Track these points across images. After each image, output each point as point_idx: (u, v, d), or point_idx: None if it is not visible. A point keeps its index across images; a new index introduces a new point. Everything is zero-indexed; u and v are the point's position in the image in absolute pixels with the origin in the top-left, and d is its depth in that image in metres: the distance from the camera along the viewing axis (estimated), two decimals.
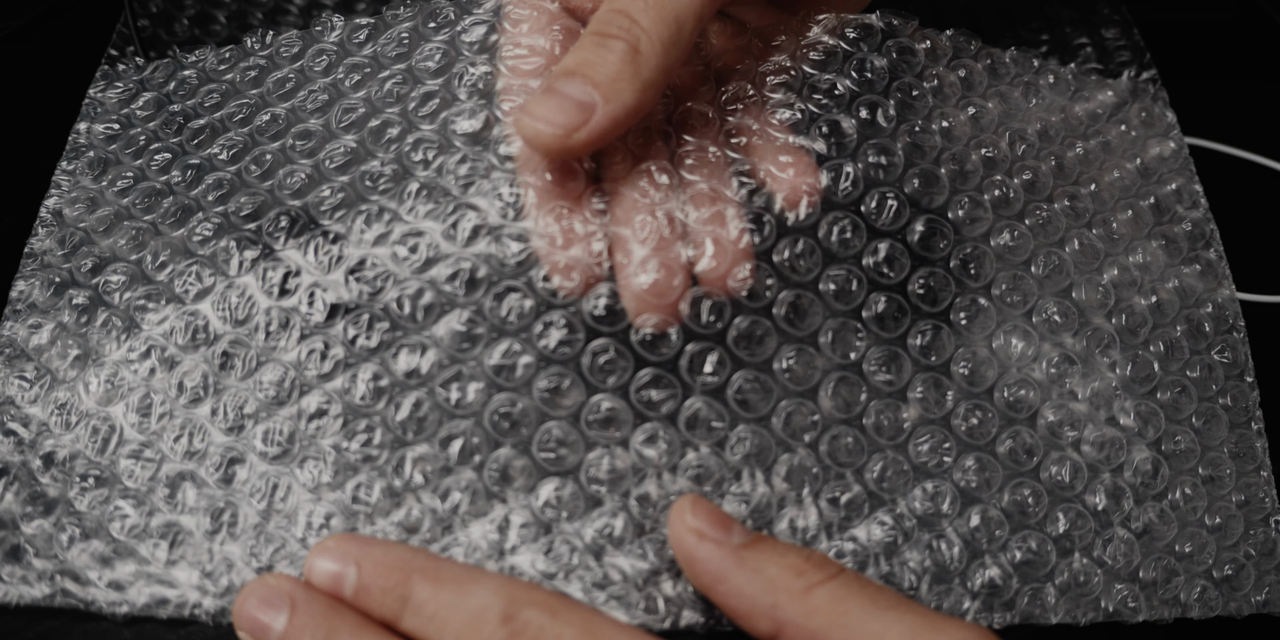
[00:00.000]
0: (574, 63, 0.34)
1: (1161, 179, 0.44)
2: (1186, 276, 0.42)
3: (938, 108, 0.40)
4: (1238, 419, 0.41)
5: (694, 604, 0.35)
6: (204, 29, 0.49)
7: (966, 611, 0.36)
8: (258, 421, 0.37)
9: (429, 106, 0.39)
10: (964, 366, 0.38)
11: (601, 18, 0.35)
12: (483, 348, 0.36)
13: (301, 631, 0.31)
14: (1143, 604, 0.37)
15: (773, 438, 0.36)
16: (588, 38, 0.35)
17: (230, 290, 0.38)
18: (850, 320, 0.37)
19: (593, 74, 0.34)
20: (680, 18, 0.35)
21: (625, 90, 0.34)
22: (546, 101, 0.34)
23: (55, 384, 0.37)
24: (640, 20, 0.34)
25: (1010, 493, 0.37)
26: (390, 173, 0.38)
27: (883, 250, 0.38)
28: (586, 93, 0.34)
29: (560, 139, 0.34)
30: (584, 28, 0.37)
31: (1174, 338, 0.41)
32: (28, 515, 0.36)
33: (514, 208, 0.37)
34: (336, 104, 0.40)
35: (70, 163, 0.41)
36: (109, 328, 0.38)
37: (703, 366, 0.36)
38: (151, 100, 0.42)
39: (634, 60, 0.34)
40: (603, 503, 0.36)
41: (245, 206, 0.39)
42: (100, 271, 0.39)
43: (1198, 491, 0.39)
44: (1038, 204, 0.40)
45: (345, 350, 0.37)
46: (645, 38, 0.34)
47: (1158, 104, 0.46)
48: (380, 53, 0.40)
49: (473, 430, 0.36)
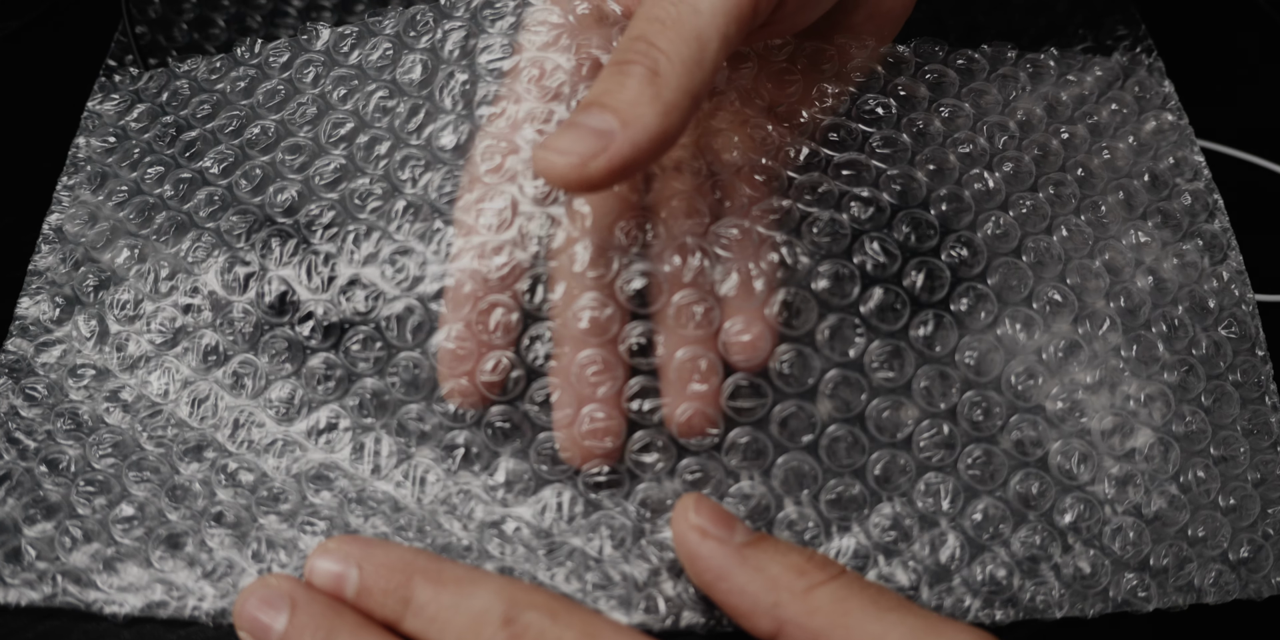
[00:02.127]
0: (593, 94, 0.32)
1: (1158, 154, 0.43)
2: (1188, 252, 0.41)
3: (905, 115, 0.40)
4: (1250, 395, 0.39)
5: (694, 604, 0.35)
6: (203, 33, 0.49)
7: (968, 609, 0.36)
8: (264, 432, 0.37)
9: (414, 121, 0.39)
10: (968, 356, 0.37)
11: (620, 47, 0.33)
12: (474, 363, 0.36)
13: (302, 632, 0.31)
14: (1154, 592, 0.36)
15: (770, 440, 0.36)
16: (607, 68, 0.33)
17: (229, 308, 0.38)
18: (847, 316, 0.37)
19: (610, 101, 0.32)
20: (702, 36, 0.32)
21: (646, 114, 0.31)
22: (565, 134, 0.31)
23: (62, 397, 0.38)
24: (658, 42, 0.32)
25: (1015, 485, 0.36)
26: (380, 191, 0.38)
27: (875, 247, 0.38)
28: (604, 120, 0.31)
29: (577, 169, 0.31)
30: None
31: (1176, 316, 0.39)
32: (30, 518, 0.36)
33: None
34: (326, 117, 0.40)
35: (70, 177, 0.41)
36: (113, 344, 0.38)
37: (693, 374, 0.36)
38: (146, 111, 0.42)
39: (653, 82, 0.32)
40: (602, 506, 0.36)
41: (238, 226, 0.39)
42: (103, 288, 0.39)
43: (1210, 472, 0.38)
44: (1021, 195, 0.40)
45: (346, 366, 0.37)
46: (664, 58, 0.32)
47: (1153, 76, 0.45)
48: (365, 63, 0.40)
49: (472, 438, 0.37)
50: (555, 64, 0.37)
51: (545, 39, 0.37)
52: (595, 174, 0.31)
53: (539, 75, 0.37)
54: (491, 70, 0.39)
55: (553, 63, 0.37)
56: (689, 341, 0.36)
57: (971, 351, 0.37)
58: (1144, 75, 0.45)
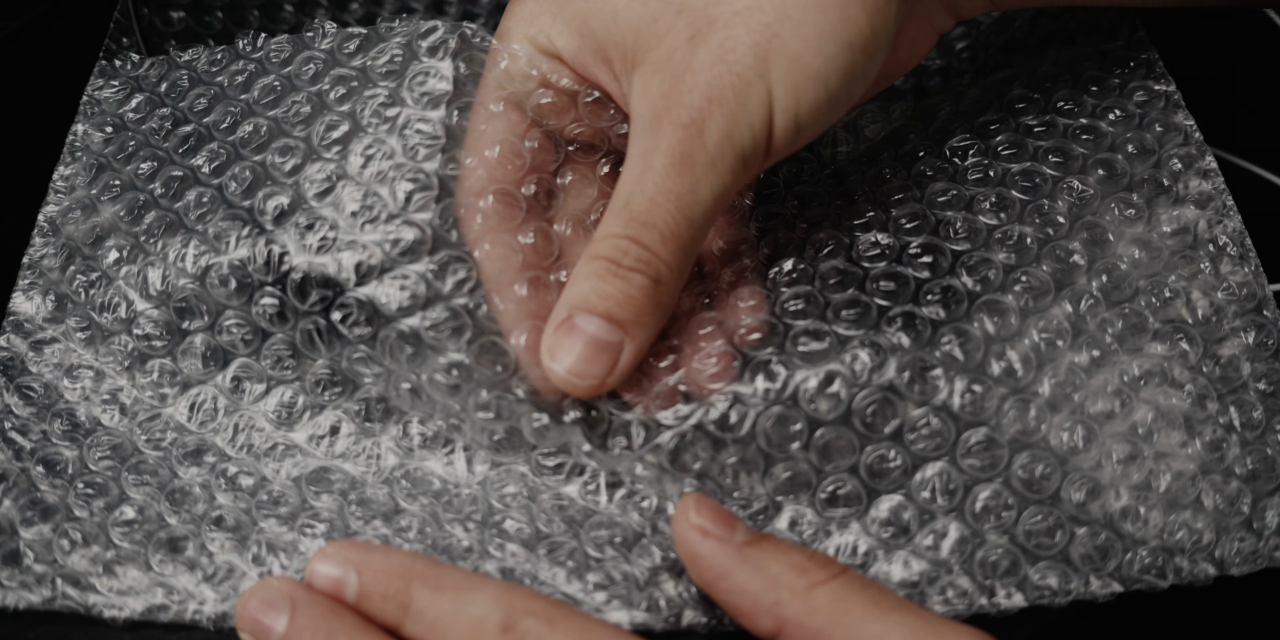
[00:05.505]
0: (594, 296, 0.34)
1: (1144, 123, 0.41)
2: (1180, 217, 0.39)
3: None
4: (1261, 354, 0.38)
5: (696, 604, 0.35)
6: (198, 20, 0.49)
7: (974, 600, 0.35)
8: (264, 437, 0.37)
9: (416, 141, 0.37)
10: (952, 344, 0.36)
11: (615, 246, 0.34)
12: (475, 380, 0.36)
13: (301, 633, 0.31)
14: (1169, 568, 0.35)
15: (768, 443, 0.36)
16: (599, 264, 0.34)
17: (222, 312, 0.37)
18: (825, 318, 0.37)
19: (617, 313, 0.34)
20: (696, 242, 0.35)
21: (650, 324, 0.35)
22: (571, 346, 0.34)
23: (57, 397, 0.38)
24: (660, 253, 0.34)
25: (1019, 470, 0.36)
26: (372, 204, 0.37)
27: (860, 243, 0.38)
28: (611, 332, 0.34)
29: (596, 390, 0.34)
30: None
31: (1167, 283, 0.38)
32: (27, 520, 0.36)
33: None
34: (320, 118, 0.38)
35: (67, 167, 0.41)
36: (109, 343, 0.38)
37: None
38: (145, 101, 0.42)
39: (655, 292, 0.34)
40: (603, 506, 0.36)
41: (226, 232, 0.37)
42: (94, 287, 0.38)
43: (1224, 439, 0.36)
44: (984, 193, 0.40)
45: (348, 372, 0.37)
46: (665, 268, 0.34)
47: (1134, 47, 0.44)
48: (370, 66, 0.39)
49: (472, 440, 0.36)
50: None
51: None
52: (609, 387, 0.35)
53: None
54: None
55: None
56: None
57: (954, 339, 0.37)
58: (1124, 50, 0.43)
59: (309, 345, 0.37)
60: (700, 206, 0.34)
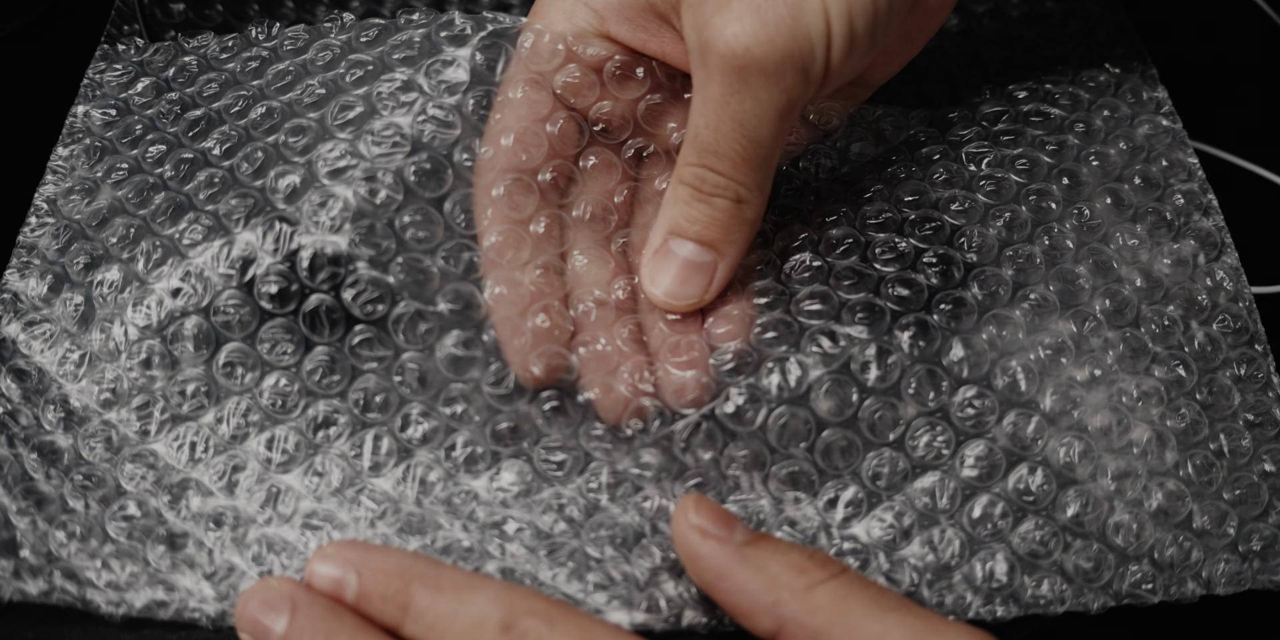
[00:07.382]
0: (683, 220, 0.36)
1: (1151, 157, 0.43)
2: (1179, 250, 0.41)
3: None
4: (1251, 387, 0.39)
5: (696, 604, 0.35)
6: (199, 13, 0.48)
7: (969, 606, 0.35)
8: (261, 428, 0.37)
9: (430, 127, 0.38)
10: (956, 356, 0.37)
11: (693, 173, 0.36)
12: (480, 368, 0.36)
13: (301, 634, 0.31)
14: (1159, 584, 0.36)
15: (767, 445, 0.36)
16: (683, 190, 0.36)
17: (228, 295, 0.37)
18: (830, 323, 0.37)
19: (706, 235, 0.36)
20: (769, 159, 0.35)
21: (739, 241, 0.37)
22: (667, 270, 0.36)
23: (50, 384, 0.37)
24: (734, 177, 0.35)
25: (1013, 481, 0.36)
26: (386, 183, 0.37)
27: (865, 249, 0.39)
28: (703, 254, 0.36)
29: (695, 306, 0.37)
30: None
31: (1165, 312, 0.39)
32: (21, 511, 0.35)
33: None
34: (334, 99, 0.38)
35: (66, 148, 0.40)
36: (105, 328, 0.37)
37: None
38: (150, 86, 0.41)
39: (739, 212, 0.36)
40: (603, 507, 0.36)
41: (237, 209, 0.37)
42: (95, 269, 0.38)
43: (1212, 465, 0.38)
44: (1000, 209, 0.40)
45: (350, 362, 0.37)
46: (743, 189, 0.36)
47: (1146, 83, 0.45)
48: (387, 54, 0.39)
49: (474, 439, 0.36)
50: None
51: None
52: (706, 301, 0.37)
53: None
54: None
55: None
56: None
57: (961, 350, 0.37)
58: (1138, 81, 0.45)
59: (315, 329, 0.37)
60: (766, 127, 0.34)
